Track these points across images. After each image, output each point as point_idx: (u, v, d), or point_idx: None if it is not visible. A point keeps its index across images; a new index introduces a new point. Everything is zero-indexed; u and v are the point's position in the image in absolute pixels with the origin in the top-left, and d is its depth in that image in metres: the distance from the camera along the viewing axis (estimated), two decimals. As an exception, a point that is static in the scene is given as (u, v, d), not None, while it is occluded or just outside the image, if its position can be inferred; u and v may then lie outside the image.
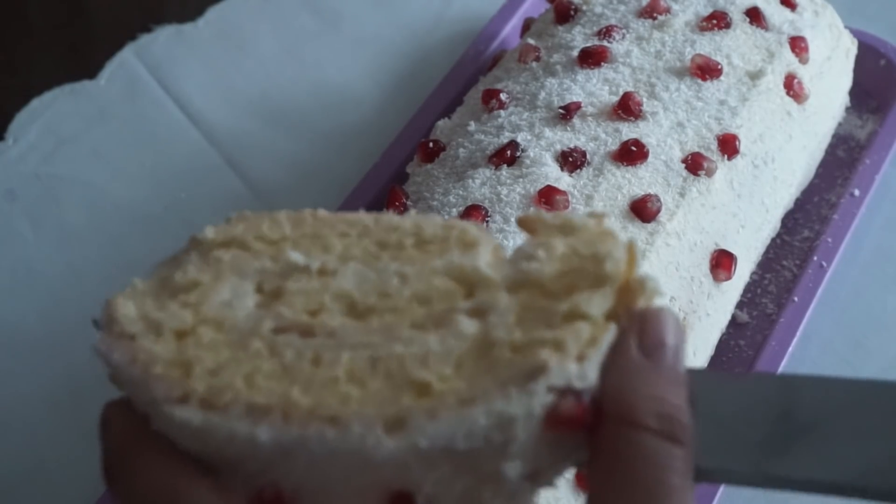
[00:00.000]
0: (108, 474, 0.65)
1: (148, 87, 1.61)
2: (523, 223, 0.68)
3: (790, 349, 1.23)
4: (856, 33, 1.45)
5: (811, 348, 1.31)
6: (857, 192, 1.37)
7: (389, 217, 0.71)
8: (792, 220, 1.39)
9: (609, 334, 0.62)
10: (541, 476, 0.62)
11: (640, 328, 0.61)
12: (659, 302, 0.64)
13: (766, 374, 0.62)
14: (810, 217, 1.40)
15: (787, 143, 1.30)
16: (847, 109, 1.45)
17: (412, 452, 0.59)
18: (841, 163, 1.46)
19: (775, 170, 1.28)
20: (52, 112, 1.58)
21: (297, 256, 0.69)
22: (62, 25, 1.76)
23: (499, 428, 0.59)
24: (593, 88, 1.25)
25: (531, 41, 1.37)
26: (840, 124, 1.45)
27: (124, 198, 1.50)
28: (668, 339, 0.61)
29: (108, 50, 1.65)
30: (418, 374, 0.62)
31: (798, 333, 1.24)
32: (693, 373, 0.63)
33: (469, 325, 0.64)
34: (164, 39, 1.66)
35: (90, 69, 1.63)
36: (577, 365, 0.60)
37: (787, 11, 1.37)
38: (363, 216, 0.71)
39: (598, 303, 0.63)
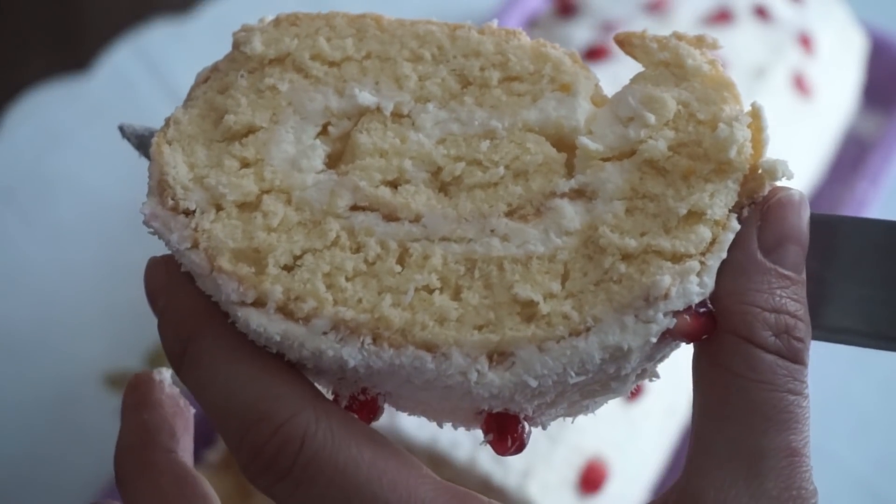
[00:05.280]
0: (179, 361, 0.56)
1: (144, 83, 1.60)
2: (622, 41, 0.60)
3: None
4: (867, 28, 1.44)
5: (822, 350, 1.29)
6: (865, 190, 1.36)
7: (467, 32, 0.61)
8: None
9: (731, 233, 0.55)
10: (645, 374, 0.57)
11: (761, 220, 0.56)
12: (784, 183, 0.57)
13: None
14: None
15: (794, 139, 1.29)
16: (856, 105, 1.44)
17: (518, 387, 0.53)
18: (850, 160, 1.44)
19: (783, 167, 1.27)
20: (45, 109, 1.57)
21: (366, 97, 0.59)
22: (54, 17, 1.75)
23: (613, 360, 0.54)
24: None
25: (532, 35, 1.36)
26: (849, 121, 1.44)
27: (119, 196, 1.48)
28: (792, 231, 0.56)
29: (102, 42, 1.63)
30: (522, 291, 0.54)
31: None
32: (824, 219, 0.58)
33: (573, 216, 0.56)
34: (159, 33, 1.65)
35: (83, 62, 1.61)
36: (699, 278, 0.54)
37: (795, 6, 1.36)
38: (434, 27, 0.61)
39: (721, 201, 0.55)
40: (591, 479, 1.04)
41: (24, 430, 1.29)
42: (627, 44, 0.60)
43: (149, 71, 1.61)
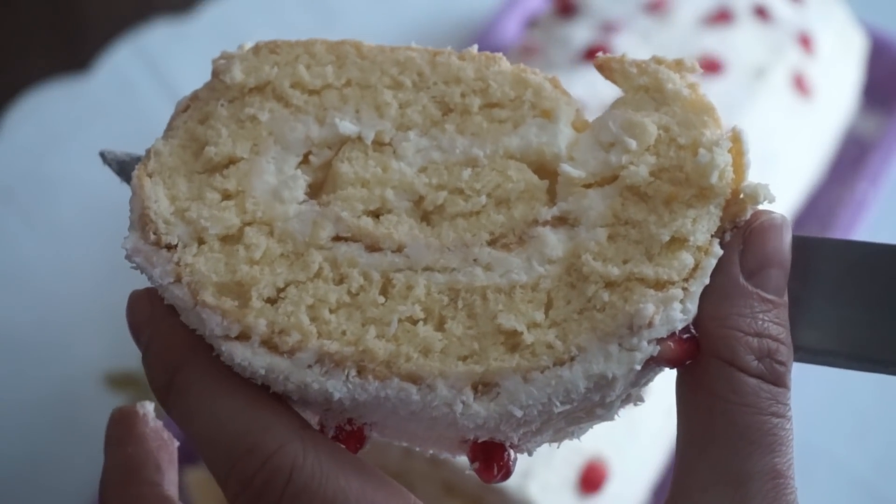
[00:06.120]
0: (165, 393, 0.56)
1: (144, 83, 1.59)
2: (601, 66, 0.60)
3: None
4: (867, 28, 1.44)
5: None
6: (865, 190, 1.36)
7: (447, 58, 0.60)
8: (800, 218, 1.38)
9: (713, 259, 0.55)
10: (630, 398, 0.58)
11: (744, 244, 0.56)
12: (765, 207, 0.57)
13: (880, 246, 0.58)
14: (819, 214, 1.39)
15: (794, 139, 1.29)
16: (856, 105, 1.44)
17: (503, 417, 0.54)
18: (850, 160, 1.44)
19: (782, 166, 1.27)
20: (45, 109, 1.56)
21: (347, 126, 0.59)
22: (54, 17, 1.74)
23: (598, 388, 0.54)
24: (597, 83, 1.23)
25: (532, 35, 1.35)
26: (849, 121, 1.44)
27: (119, 196, 1.48)
28: (774, 255, 0.56)
29: (102, 42, 1.63)
30: (506, 321, 0.54)
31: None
32: (805, 242, 0.58)
33: (556, 244, 0.56)
34: (159, 33, 1.64)
35: (83, 62, 1.61)
36: (682, 305, 0.54)
37: (795, 6, 1.36)
38: (415, 54, 0.60)
39: (703, 226, 0.55)
40: (591, 479, 1.04)
41: (24, 430, 1.29)
42: (607, 68, 0.60)
43: (149, 71, 1.60)
